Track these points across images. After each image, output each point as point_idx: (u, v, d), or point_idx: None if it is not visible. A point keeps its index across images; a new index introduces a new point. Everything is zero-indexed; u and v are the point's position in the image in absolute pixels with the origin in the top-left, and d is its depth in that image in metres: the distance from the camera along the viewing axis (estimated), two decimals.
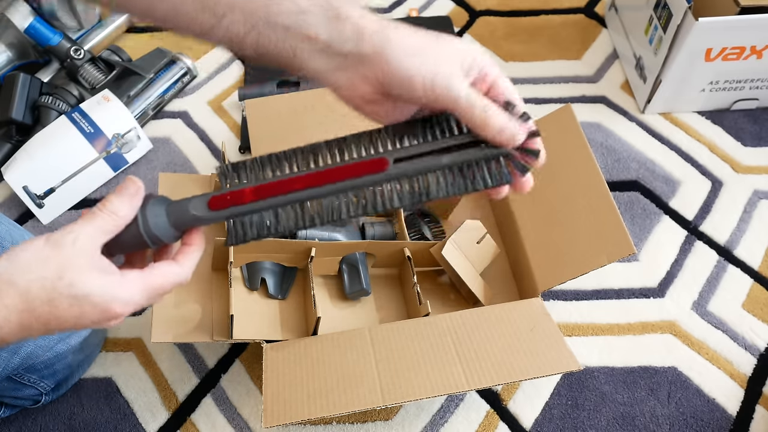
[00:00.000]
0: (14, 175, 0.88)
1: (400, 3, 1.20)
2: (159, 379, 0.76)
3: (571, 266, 0.70)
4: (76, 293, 0.39)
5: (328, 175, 0.43)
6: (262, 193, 0.43)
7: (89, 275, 0.40)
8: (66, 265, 0.39)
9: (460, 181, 0.43)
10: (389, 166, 0.43)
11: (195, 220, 0.44)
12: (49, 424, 0.73)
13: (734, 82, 0.96)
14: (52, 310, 0.39)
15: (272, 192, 0.43)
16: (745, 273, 0.85)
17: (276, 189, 0.43)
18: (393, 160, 0.43)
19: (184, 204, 0.44)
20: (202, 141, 0.99)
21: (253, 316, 0.72)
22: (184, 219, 0.44)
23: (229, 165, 0.45)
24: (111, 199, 0.42)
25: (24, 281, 0.38)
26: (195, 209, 0.44)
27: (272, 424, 0.60)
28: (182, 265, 0.45)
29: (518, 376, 0.63)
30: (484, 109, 0.41)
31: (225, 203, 0.44)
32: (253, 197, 0.43)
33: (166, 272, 0.44)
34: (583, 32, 1.14)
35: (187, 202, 0.44)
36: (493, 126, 0.42)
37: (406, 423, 0.73)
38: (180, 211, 0.44)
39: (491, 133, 0.42)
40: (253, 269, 0.75)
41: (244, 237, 0.44)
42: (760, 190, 0.93)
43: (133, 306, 0.42)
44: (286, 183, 0.44)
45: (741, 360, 0.77)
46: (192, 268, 0.45)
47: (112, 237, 0.42)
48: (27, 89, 0.93)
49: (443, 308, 0.79)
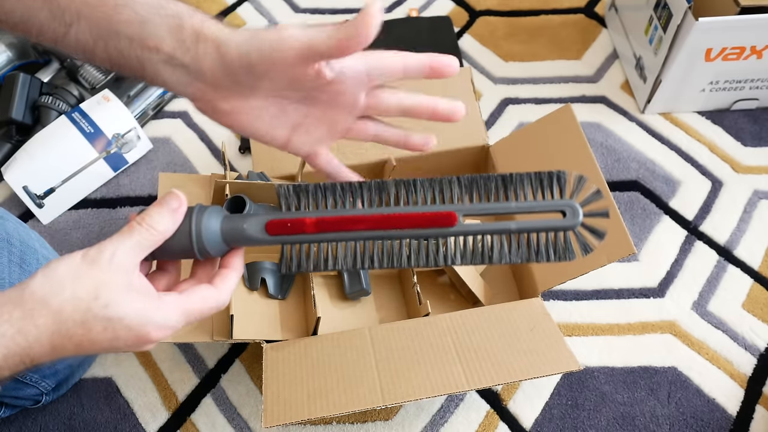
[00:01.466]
0: (14, 175, 0.88)
1: (400, 3, 1.20)
2: (159, 379, 0.76)
3: (571, 266, 0.70)
4: (111, 316, 0.38)
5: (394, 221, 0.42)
6: (324, 226, 0.42)
7: (126, 297, 0.38)
8: (102, 284, 0.38)
9: (524, 250, 0.42)
10: (458, 222, 0.41)
11: (248, 241, 0.42)
12: (49, 424, 0.73)
13: (734, 82, 0.96)
14: (85, 333, 0.38)
15: (335, 227, 0.42)
16: (745, 273, 0.85)
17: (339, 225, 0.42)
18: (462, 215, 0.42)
19: (240, 221, 0.42)
20: (202, 141, 0.99)
21: (253, 316, 0.72)
22: (236, 237, 0.42)
23: (290, 187, 0.43)
24: (151, 213, 0.40)
25: (58, 301, 0.37)
26: (251, 230, 0.42)
27: (272, 424, 0.60)
28: (220, 289, 0.43)
29: (518, 376, 0.63)
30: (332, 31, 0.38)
31: (284, 230, 0.42)
32: (315, 229, 0.42)
33: (206, 296, 0.42)
34: (583, 32, 1.14)
35: (243, 220, 0.42)
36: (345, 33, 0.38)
37: (406, 423, 0.73)
38: (235, 228, 0.42)
39: (345, 42, 0.38)
40: (253, 269, 0.75)
41: (298, 267, 0.43)
42: (760, 190, 0.93)
43: (169, 330, 0.40)
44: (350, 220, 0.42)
45: (741, 360, 0.77)
46: (230, 292, 0.44)
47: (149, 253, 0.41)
48: (27, 89, 0.93)
49: (443, 308, 0.79)
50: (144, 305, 0.39)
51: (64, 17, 0.41)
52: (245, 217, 0.43)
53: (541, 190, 0.42)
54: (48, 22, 0.42)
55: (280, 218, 0.42)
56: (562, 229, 0.41)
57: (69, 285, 0.37)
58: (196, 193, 0.78)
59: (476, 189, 0.42)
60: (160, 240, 0.40)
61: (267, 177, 0.80)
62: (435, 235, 0.42)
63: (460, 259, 0.42)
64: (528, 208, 0.42)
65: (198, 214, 0.42)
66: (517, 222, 0.42)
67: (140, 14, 0.41)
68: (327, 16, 1.17)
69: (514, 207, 0.42)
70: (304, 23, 1.16)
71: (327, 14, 1.18)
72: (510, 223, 0.42)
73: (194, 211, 0.42)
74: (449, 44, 1.11)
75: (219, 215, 0.43)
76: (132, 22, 0.41)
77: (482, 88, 1.06)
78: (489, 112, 1.03)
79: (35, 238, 0.68)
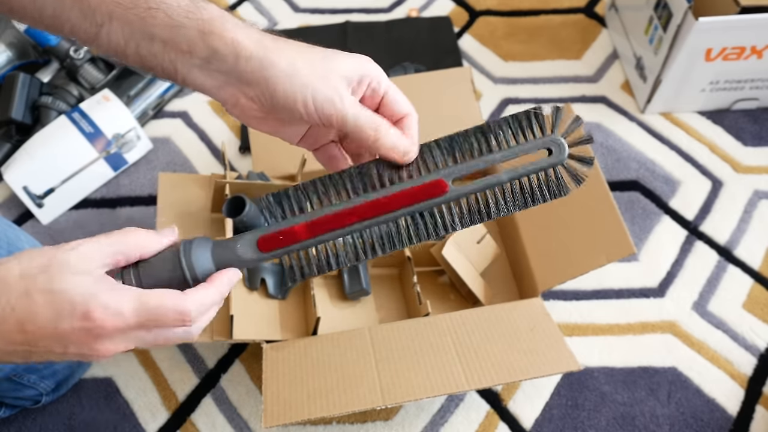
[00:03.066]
0: (14, 175, 0.88)
1: (400, 3, 1.20)
2: (159, 379, 0.76)
3: (571, 266, 0.70)
4: (54, 288, 0.36)
5: (385, 204, 0.41)
6: (316, 229, 0.41)
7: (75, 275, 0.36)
8: (55, 262, 0.37)
9: (519, 198, 0.41)
10: (449, 189, 0.41)
11: (244, 263, 0.41)
12: (49, 424, 0.73)
13: (734, 82, 0.96)
14: (29, 305, 0.36)
15: (327, 227, 0.41)
16: (745, 273, 0.85)
17: (330, 223, 0.41)
18: (452, 180, 0.41)
19: (231, 245, 0.41)
20: (202, 141, 0.99)
21: (253, 316, 0.72)
22: (227, 258, 0.41)
23: (270, 197, 0.42)
24: (135, 228, 0.40)
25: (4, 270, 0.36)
26: (244, 251, 0.41)
27: (272, 424, 0.60)
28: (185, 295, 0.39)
29: (518, 376, 0.63)
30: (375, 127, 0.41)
31: (277, 243, 0.41)
32: (307, 234, 0.41)
33: (165, 297, 0.38)
34: (583, 32, 1.14)
35: (234, 243, 0.41)
36: (383, 144, 0.41)
37: (406, 423, 0.73)
38: (226, 252, 0.41)
39: (383, 151, 0.41)
40: (253, 269, 0.75)
41: (302, 275, 0.42)
42: (760, 190, 0.93)
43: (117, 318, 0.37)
44: (339, 216, 0.41)
45: (741, 360, 0.77)
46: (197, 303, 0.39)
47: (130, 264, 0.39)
48: (27, 89, 0.93)
49: (443, 308, 0.79)
50: (94, 284, 0.37)
51: (95, 17, 0.41)
52: (235, 239, 0.41)
53: (522, 132, 0.41)
54: (79, 22, 0.42)
55: (269, 233, 0.41)
56: (552, 166, 0.41)
57: (25, 260, 0.37)
58: (196, 192, 0.78)
59: (458, 148, 0.42)
60: (134, 252, 0.39)
61: (267, 177, 0.80)
62: (429, 207, 0.41)
63: (459, 223, 0.42)
64: (513, 154, 0.41)
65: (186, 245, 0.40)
66: (507, 171, 0.41)
67: (173, 18, 0.40)
68: (327, 16, 1.17)
69: (499, 157, 0.41)
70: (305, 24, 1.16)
71: (327, 14, 1.18)
72: (501, 174, 0.41)
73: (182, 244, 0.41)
74: (449, 44, 1.11)
75: (208, 243, 0.41)
76: (165, 26, 0.40)
77: (482, 88, 1.06)
78: (489, 112, 1.03)
79: (25, 239, 0.67)
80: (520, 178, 0.41)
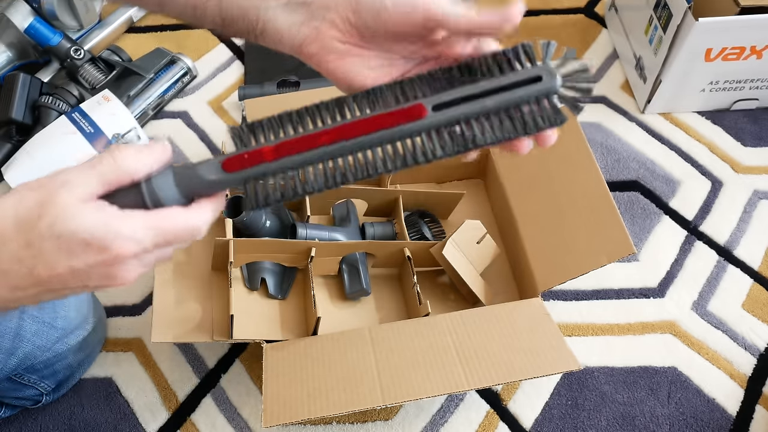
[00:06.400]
0: (14, 175, 0.88)
1: None
2: (159, 379, 0.76)
3: (571, 266, 0.70)
4: (60, 232, 0.33)
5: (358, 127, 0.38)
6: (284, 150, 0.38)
7: (76, 210, 0.34)
8: (46, 202, 0.34)
9: (508, 124, 0.39)
10: (428, 113, 0.39)
11: (208, 185, 0.39)
12: (49, 424, 0.73)
13: (734, 82, 0.96)
14: (36, 254, 0.34)
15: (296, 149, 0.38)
16: (745, 273, 0.85)
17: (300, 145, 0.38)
18: (432, 106, 0.39)
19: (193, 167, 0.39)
20: (202, 141, 0.99)
21: (253, 316, 0.72)
22: (193, 183, 0.39)
23: (243, 125, 0.40)
24: (121, 147, 0.36)
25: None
26: (207, 172, 0.39)
27: (272, 424, 0.60)
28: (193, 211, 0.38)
29: (518, 376, 0.63)
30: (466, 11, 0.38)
31: (242, 164, 0.38)
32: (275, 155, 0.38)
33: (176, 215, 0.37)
34: (583, 32, 1.14)
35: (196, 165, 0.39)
36: (480, 21, 0.38)
37: (406, 423, 0.73)
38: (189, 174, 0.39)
39: (480, 29, 0.38)
40: (253, 269, 0.75)
41: (266, 200, 0.39)
42: (760, 190, 0.93)
43: (137, 245, 0.35)
44: (311, 138, 0.39)
45: (741, 360, 0.77)
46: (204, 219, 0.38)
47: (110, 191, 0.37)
48: (27, 89, 0.93)
49: (443, 308, 0.79)
50: (103, 216, 0.34)
51: None
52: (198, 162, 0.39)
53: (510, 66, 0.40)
54: None
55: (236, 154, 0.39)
56: (543, 93, 0.39)
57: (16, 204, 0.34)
58: None
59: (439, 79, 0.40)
60: (125, 179, 0.37)
61: None
62: (407, 133, 0.39)
63: (441, 150, 0.39)
64: (499, 84, 0.39)
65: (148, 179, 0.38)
66: (492, 98, 0.39)
67: None
68: None
69: (485, 86, 0.39)
70: None
71: None
72: (485, 99, 0.39)
73: None
74: None
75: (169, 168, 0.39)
76: None
77: None
78: None
79: None
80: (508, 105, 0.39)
